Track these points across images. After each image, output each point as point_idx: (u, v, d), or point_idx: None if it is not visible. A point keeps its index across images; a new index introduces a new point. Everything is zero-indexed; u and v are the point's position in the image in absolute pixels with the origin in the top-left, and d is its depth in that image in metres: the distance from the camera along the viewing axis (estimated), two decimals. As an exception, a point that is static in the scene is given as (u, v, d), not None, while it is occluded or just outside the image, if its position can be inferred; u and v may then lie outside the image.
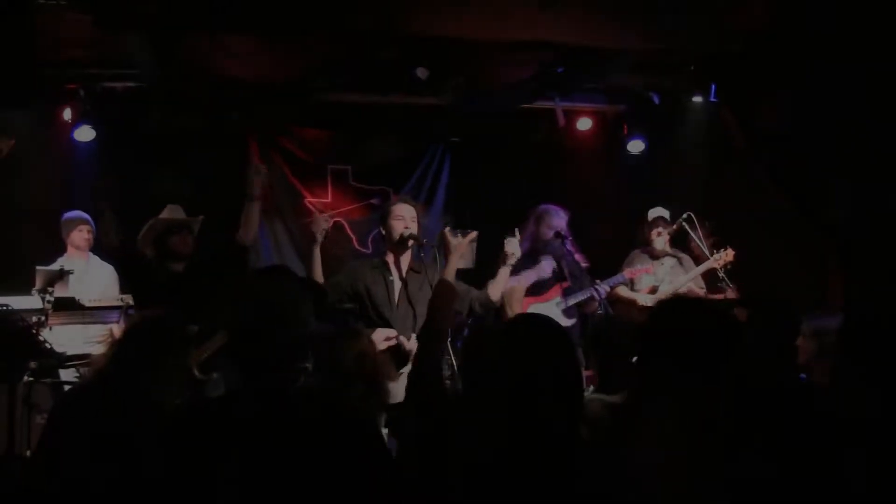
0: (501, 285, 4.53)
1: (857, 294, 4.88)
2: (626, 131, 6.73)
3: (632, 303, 5.87)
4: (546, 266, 5.43)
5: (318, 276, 4.45)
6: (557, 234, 5.42)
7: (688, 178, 6.34)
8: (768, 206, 5.34)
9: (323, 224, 4.53)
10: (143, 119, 6.24)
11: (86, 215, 5.65)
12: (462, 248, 3.87)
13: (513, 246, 4.51)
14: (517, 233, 4.58)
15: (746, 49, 5.05)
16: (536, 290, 5.36)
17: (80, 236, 5.63)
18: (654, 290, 5.87)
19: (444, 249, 3.93)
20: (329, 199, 7.09)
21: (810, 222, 5.03)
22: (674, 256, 5.94)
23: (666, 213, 5.95)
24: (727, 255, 5.54)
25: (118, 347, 2.91)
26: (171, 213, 5.05)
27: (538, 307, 5.29)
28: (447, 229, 4.14)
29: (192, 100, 6.12)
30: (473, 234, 4.15)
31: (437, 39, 5.17)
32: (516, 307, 3.62)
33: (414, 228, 4.54)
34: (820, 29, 4.49)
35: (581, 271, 5.60)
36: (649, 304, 5.60)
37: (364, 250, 7.02)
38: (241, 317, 2.18)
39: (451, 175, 7.30)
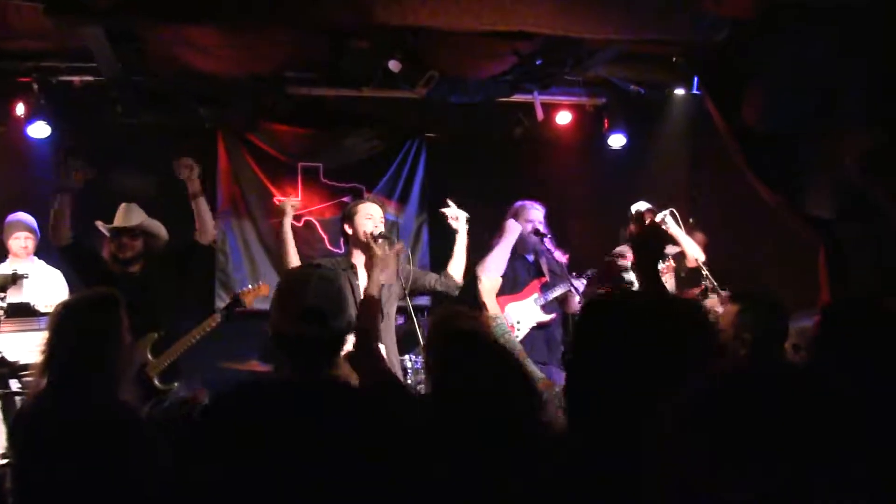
0: (461, 257, 4.52)
1: (838, 288, 4.86)
2: (606, 125, 6.70)
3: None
4: (512, 226, 5.26)
5: (293, 255, 4.43)
6: (537, 232, 5.38)
7: (670, 174, 6.32)
8: (753, 203, 5.30)
9: (291, 202, 4.48)
10: (103, 115, 6.12)
11: (28, 220, 5.48)
12: (390, 261, 3.62)
13: (451, 211, 4.52)
14: (449, 202, 4.60)
15: (731, 39, 5.00)
16: (514, 288, 5.30)
17: (17, 244, 5.46)
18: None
19: (368, 259, 3.76)
20: (300, 198, 7.00)
21: (796, 219, 5.00)
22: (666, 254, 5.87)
23: (649, 206, 5.90)
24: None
25: (50, 348, 2.70)
26: (125, 212, 4.91)
27: (516, 306, 5.23)
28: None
29: (155, 95, 6.00)
30: (399, 246, 4.03)
31: (410, 29, 5.08)
32: (490, 302, 3.48)
33: (382, 228, 4.51)
34: (807, 20, 4.46)
35: (560, 267, 5.56)
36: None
37: (336, 250, 6.93)
38: (308, 300, 2.25)
39: (427, 171, 7.27)
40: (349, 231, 4.57)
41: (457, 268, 4.58)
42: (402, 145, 7.25)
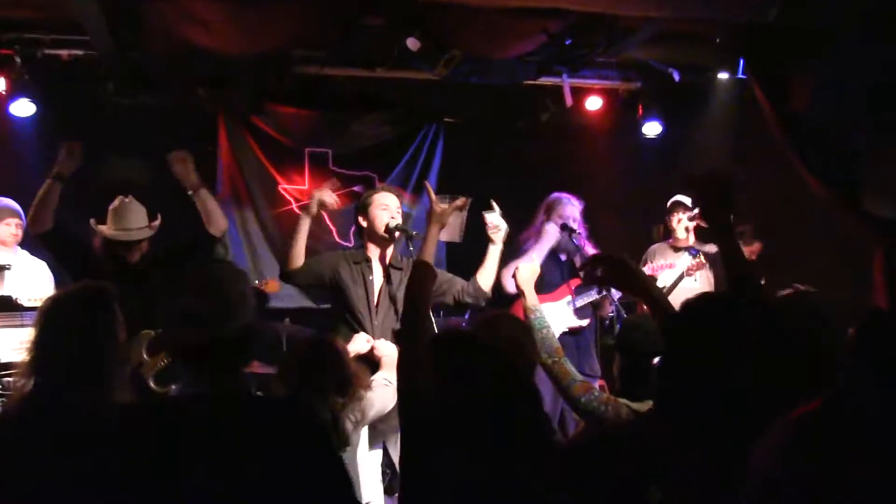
0: (493, 268, 4.32)
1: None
2: (641, 112, 6.45)
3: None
4: (550, 231, 5.14)
5: (300, 253, 4.22)
6: (564, 227, 5.18)
7: (711, 166, 5.95)
8: (803, 198, 5.02)
9: (327, 197, 4.24)
10: (94, 93, 5.82)
11: (15, 206, 5.16)
12: (446, 216, 3.39)
13: (495, 218, 4.25)
14: (495, 205, 4.30)
15: (782, 18, 4.70)
16: (544, 289, 5.02)
17: (7, 230, 5.14)
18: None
19: (427, 218, 3.51)
20: (306, 186, 6.81)
21: (850, 217, 4.70)
22: (698, 250, 5.57)
23: (687, 200, 5.61)
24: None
25: (36, 347, 2.55)
26: (124, 212, 4.60)
27: (546, 309, 4.96)
28: (430, 189, 3.67)
29: (152, 72, 5.71)
30: (463, 199, 3.70)
31: (430, 5, 4.91)
32: (529, 291, 3.31)
33: (399, 220, 4.36)
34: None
35: None
36: None
37: (345, 243, 6.71)
38: (182, 308, 2.09)
39: (445, 160, 7.04)
40: (363, 223, 4.39)
41: (487, 277, 4.34)
42: (419, 131, 7.01)
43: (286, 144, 6.77)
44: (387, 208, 4.32)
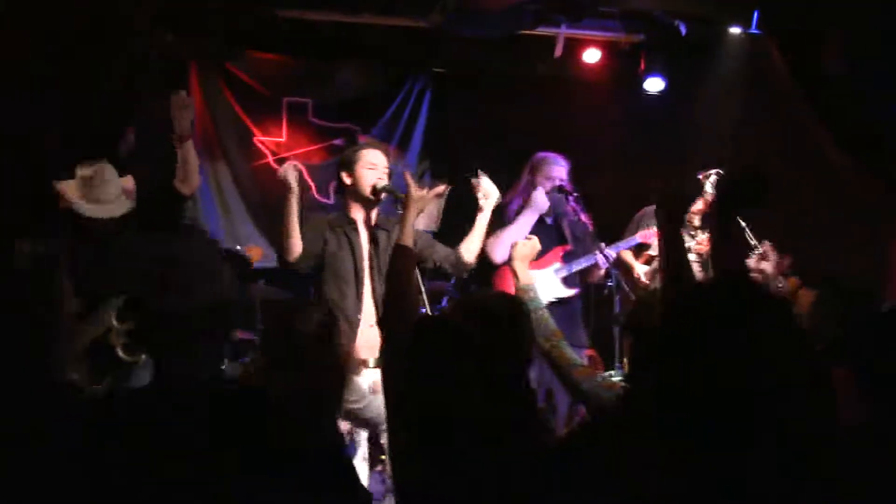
0: (479, 238, 4.13)
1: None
2: (643, 66, 6.23)
3: (629, 272, 5.42)
4: (539, 199, 4.92)
5: (295, 233, 3.97)
6: (561, 189, 4.97)
7: (717, 128, 5.80)
8: (819, 165, 4.87)
9: (292, 172, 4.00)
10: (45, 35, 5.31)
11: None
12: (425, 203, 3.30)
13: (486, 183, 4.05)
14: (480, 173, 4.10)
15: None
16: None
17: None
18: (649, 261, 5.41)
19: (403, 200, 3.40)
20: (284, 139, 6.60)
21: (876, 186, 4.57)
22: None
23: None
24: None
25: None
26: (99, 175, 4.34)
27: (533, 275, 4.83)
28: (408, 174, 3.56)
29: (114, 13, 5.27)
30: (442, 187, 3.70)
31: None
32: (524, 270, 3.11)
33: (386, 180, 4.13)
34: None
35: (585, 233, 5.14)
36: (643, 279, 5.26)
37: (325, 200, 6.51)
38: (138, 280, 1.96)
39: (432, 114, 6.81)
40: (347, 181, 4.14)
41: (472, 248, 4.14)
42: (405, 82, 6.76)
43: (263, 94, 6.52)
44: (374, 167, 4.09)
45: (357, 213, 4.12)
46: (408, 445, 2.18)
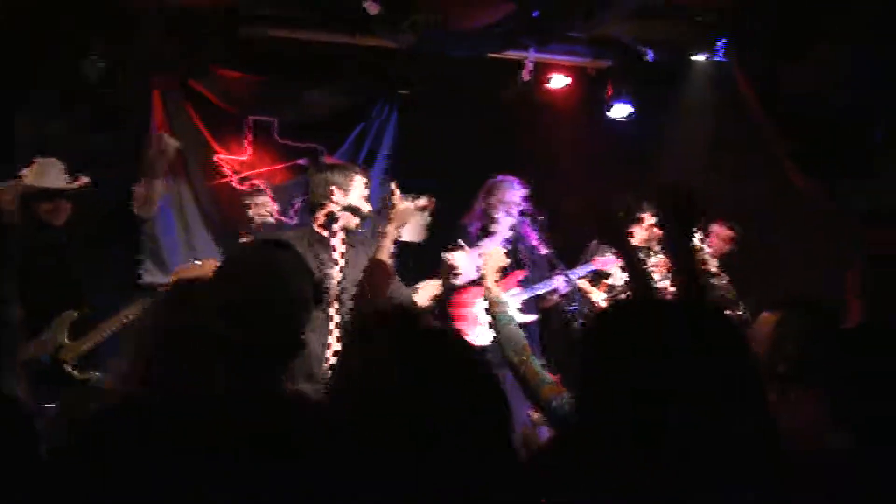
0: (432, 292, 4.04)
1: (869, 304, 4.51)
2: (609, 92, 6.28)
3: (588, 301, 5.48)
4: (502, 224, 4.96)
5: None
6: (526, 213, 5.03)
7: (683, 154, 5.90)
8: (784, 192, 4.95)
9: (262, 203, 3.98)
10: (5, 45, 5.29)
11: None
12: (407, 216, 3.35)
13: (460, 260, 3.92)
14: (463, 245, 4.05)
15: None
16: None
17: None
18: (608, 289, 5.44)
19: (387, 214, 3.42)
20: (248, 158, 6.50)
21: (837, 213, 4.65)
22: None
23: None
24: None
25: None
26: (40, 169, 4.34)
27: None
28: (395, 187, 3.59)
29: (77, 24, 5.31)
30: (426, 200, 3.64)
31: None
32: (494, 280, 3.01)
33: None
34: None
35: (542, 258, 5.16)
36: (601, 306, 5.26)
37: (287, 220, 6.40)
38: (228, 293, 1.98)
39: (398, 135, 6.80)
40: (339, 199, 4.04)
41: (427, 297, 4.05)
42: (372, 103, 6.75)
43: (228, 111, 6.44)
44: (365, 198, 4.07)
45: (325, 231, 4.04)
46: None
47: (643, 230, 5.57)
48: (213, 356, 2.00)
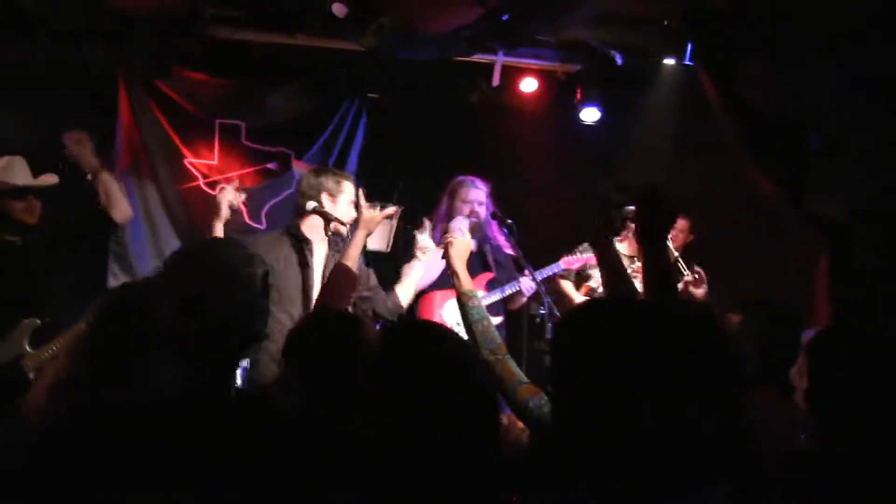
0: (412, 286, 4.22)
1: (843, 299, 4.54)
2: (579, 96, 6.30)
3: (568, 303, 5.47)
4: (454, 227, 4.95)
5: None
6: (494, 215, 4.95)
7: (651, 158, 5.89)
8: (749, 194, 4.96)
9: (232, 196, 3.96)
10: None
11: None
12: (374, 223, 3.41)
13: (424, 239, 4.19)
14: (427, 223, 4.22)
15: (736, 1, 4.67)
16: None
17: None
18: (590, 292, 5.46)
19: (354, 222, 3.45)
20: (216, 161, 6.44)
21: (799, 215, 4.66)
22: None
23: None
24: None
25: None
26: (8, 167, 4.30)
27: (455, 304, 4.83)
28: (363, 194, 3.68)
29: (43, 25, 5.27)
30: (393, 209, 3.71)
31: None
32: (463, 271, 2.92)
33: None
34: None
35: (508, 259, 5.21)
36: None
37: (257, 226, 6.37)
38: (181, 285, 2.00)
39: (367, 138, 6.75)
40: (327, 204, 4.07)
41: (406, 293, 4.22)
42: (340, 106, 6.68)
43: (195, 114, 6.36)
44: (353, 204, 4.07)
45: (309, 233, 4.07)
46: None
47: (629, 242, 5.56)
48: (167, 353, 1.99)
